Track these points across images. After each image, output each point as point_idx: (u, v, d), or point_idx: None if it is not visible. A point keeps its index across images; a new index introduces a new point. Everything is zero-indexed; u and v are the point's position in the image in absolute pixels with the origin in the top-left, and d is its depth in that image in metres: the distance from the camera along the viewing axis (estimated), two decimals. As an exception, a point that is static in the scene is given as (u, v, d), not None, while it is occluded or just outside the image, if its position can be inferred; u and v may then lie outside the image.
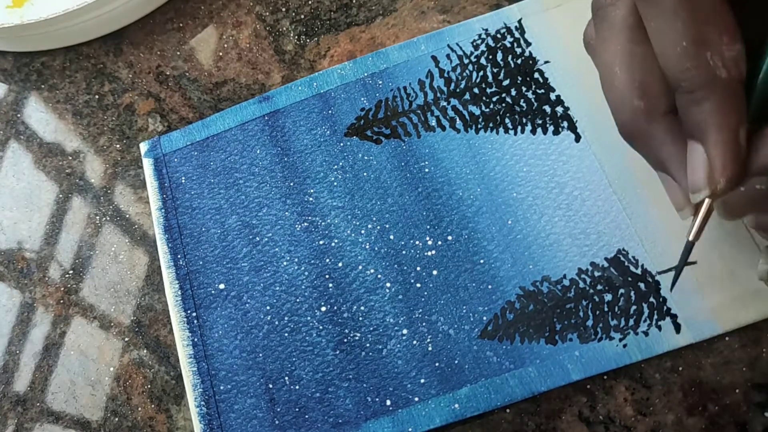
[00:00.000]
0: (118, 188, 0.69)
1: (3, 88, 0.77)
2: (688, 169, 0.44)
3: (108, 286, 0.65)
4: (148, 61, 0.74)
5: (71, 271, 0.66)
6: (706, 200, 0.44)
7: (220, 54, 0.72)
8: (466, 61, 0.64)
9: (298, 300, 0.59)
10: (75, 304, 0.65)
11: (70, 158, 0.71)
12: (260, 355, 0.58)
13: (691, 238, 0.47)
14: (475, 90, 0.63)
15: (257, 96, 0.68)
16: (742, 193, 0.43)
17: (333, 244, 0.60)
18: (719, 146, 0.41)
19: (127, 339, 0.63)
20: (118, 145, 0.70)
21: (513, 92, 0.62)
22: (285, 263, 0.61)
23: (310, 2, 0.72)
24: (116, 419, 0.61)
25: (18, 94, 0.76)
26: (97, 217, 0.68)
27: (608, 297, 0.54)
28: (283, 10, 0.73)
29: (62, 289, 0.66)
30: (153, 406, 0.61)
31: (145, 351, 0.63)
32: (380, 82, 0.65)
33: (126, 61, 0.74)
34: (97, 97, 0.73)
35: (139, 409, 0.61)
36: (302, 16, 0.72)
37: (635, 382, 0.54)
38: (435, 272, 0.58)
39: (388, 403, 0.55)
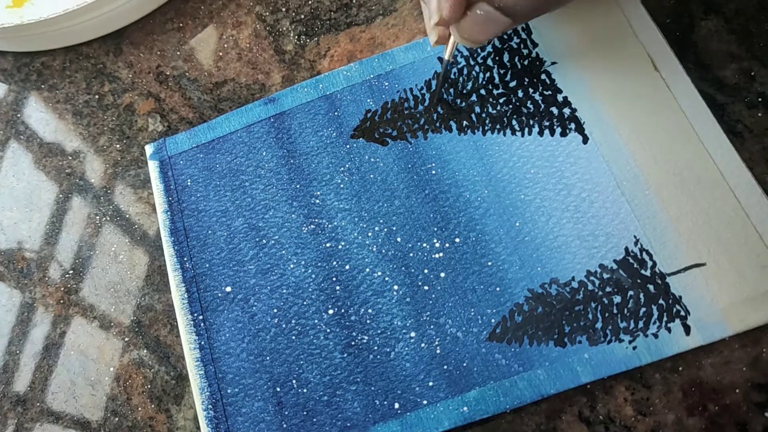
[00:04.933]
0: (118, 188, 0.69)
1: (3, 88, 0.76)
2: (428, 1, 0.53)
3: (108, 286, 0.65)
4: (148, 61, 0.74)
5: (71, 271, 0.66)
6: (453, 27, 0.54)
7: (220, 54, 0.72)
8: (472, 62, 0.64)
9: (305, 303, 0.59)
10: (75, 304, 0.65)
11: (70, 158, 0.71)
12: (267, 358, 0.58)
13: (446, 57, 0.59)
14: (482, 91, 0.63)
15: (259, 97, 0.68)
16: (469, 17, 0.51)
17: (340, 247, 0.60)
18: None
19: (127, 339, 0.63)
20: (118, 145, 0.70)
21: (520, 93, 0.62)
22: (292, 266, 0.61)
23: (310, 2, 0.72)
24: (116, 419, 0.61)
25: (18, 94, 0.75)
26: (97, 217, 0.68)
27: (617, 299, 0.54)
28: (283, 10, 0.72)
29: (62, 289, 0.66)
30: (153, 406, 0.61)
31: (145, 351, 0.62)
32: (386, 84, 0.65)
33: (126, 61, 0.74)
34: (97, 97, 0.73)
35: (139, 409, 0.61)
36: (302, 16, 0.72)
37: (635, 382, 0.54)
38: (443, 275, 0.58)
39: (397, 406, 0.55)
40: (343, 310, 0.58)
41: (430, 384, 0.55)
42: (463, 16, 0.51)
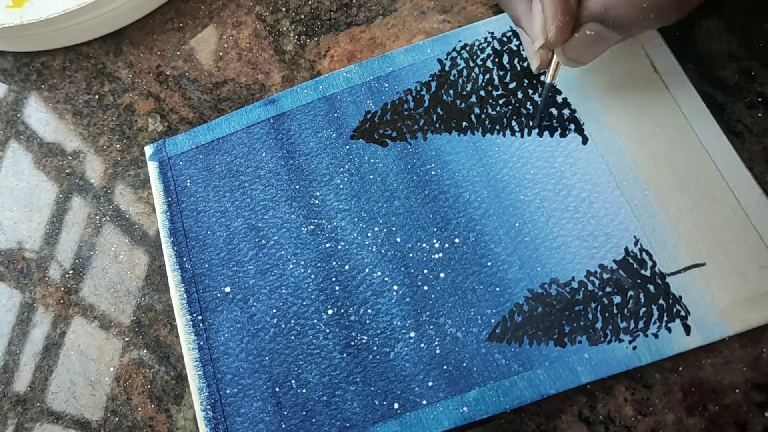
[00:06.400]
0: (118, 188, 0.69)
1: (3, 88, 0.76)
2: (531, 22, 0.51)
3: (108, 286, 0.65)
4: (148, 61, 0.74)
5: (71, 271, 0.66)
6: (558, 49, 0.53)
7: (220, 54, 0.72)
8: (472, 64, 0.64)
9: (304, 303, 0.59)
10: (75, 304, 0.65)
11: (70, 158, 0.71)
12: (267, 358, 0.58)
13: (549, 80, 0.57)
14: (482, 93, 0.63)
15: (259, 97, 0.68)
16: (577, 39, 0.50)
17: (339, 247, 0.60)
18: (550, 1, 0.48)
19: (127, 339, 0.63)
20: (118, 145, 0.70)
21: (519, 95, 0.62)
22: (291, 266, 0.61)
23: (310, 2, 0.72)
24: (116, 419, 0.61)
25: (18, 94, 0.75)
26: (97, 217, 0.68)
27: (617, 299, 0.54)
28: (283, 10, 0.72)
29: (62, 289, 0.66)
30: (153, 406, 0.61)
31: (145, 351, 0.62)
32: (386, 85, 0.65)
33: (126, 61, 0.74)
34: (97, 97, 0.73)
35: (139, 409, 0.61)
36: (302, 16, 0.72)
37: (635, 382, 0.54)
38: (442, 275, 0.58)
39: (396, 406, 0.55)
40: (342, 310, 0.58)
41: (430, 384, 0.55)
42: (571, 38, 0.50)
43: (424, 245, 0.59)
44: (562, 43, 0.51)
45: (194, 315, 0.61)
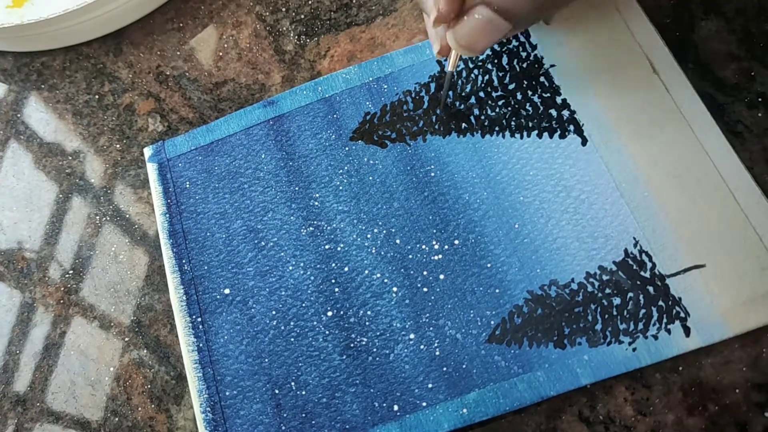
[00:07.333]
0: (118, 188, 0.68)
1: (3, 88, 0.76)
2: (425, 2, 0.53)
3: (108, 286, 0.65)
4: (148, 61, 0.74)
5: (71, 271, 0.66)
6: (450, 35, 0.52)
7: (220, 54, 0.72)
8: (471, 65, 0.64)
9: (304, 305, 0.59)
10: (75, 304, 0.65)
11: (70, 158, 0.71)
12: (266, 360, 0.58)
13: (449, 68, 0.58)
14: (481, 94, 0.62)
15: (259, 97, 0.68)
16: (467, 21, 0.50)
17: (339, 249, 0.60)
18: None
19: (127, 339, 0.63)
20: (118, 145, 0.70)
21: (519, 96, 0.62)
22: (291, 268, 0.60)
23: (310, 2, 0.72)
24: (116, 419, 0.61)
25: (18, 94, 0.75)
26: (97, 217, 0.68)
27: (617, 301, 0.54)
28: (283, 10, 0.72)
29: (62, 289, 0.66)
30: (153, 406, 0.61)
31: (145, 351, 0.62)
32: (385, 86, 0.65)
33: (126, 61, 0.74)
34: (97, 97, 0.73)
35: (139, 409, 0.61)
36: (302, 16, 0.71)
37: (635, 382, 0.54)
38: (442, 276, 0.58)
39: (396, 408, 0.55)
40: (342, 312, 0.58)
41: (430, 386, 0.55)
42: (461, 21, 0.50)
43: (423, 247, 0.59)
44: (453, 16, 0.51)
45: (194, 317, 0.61)
